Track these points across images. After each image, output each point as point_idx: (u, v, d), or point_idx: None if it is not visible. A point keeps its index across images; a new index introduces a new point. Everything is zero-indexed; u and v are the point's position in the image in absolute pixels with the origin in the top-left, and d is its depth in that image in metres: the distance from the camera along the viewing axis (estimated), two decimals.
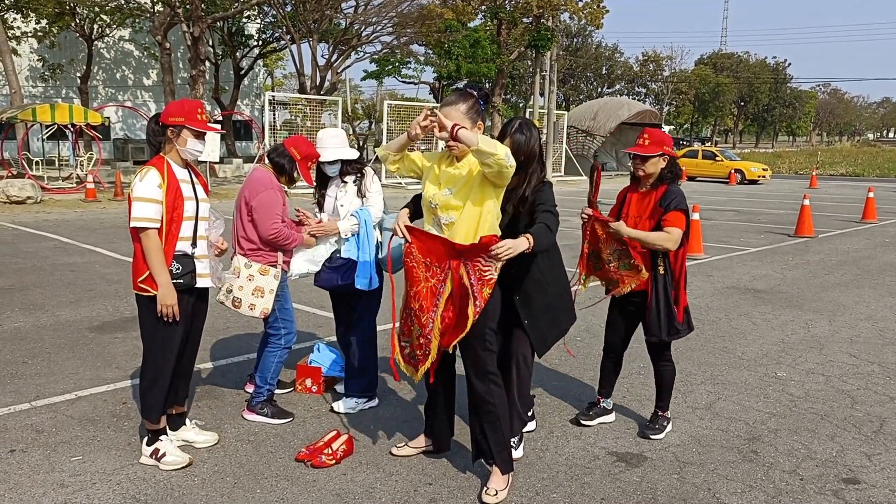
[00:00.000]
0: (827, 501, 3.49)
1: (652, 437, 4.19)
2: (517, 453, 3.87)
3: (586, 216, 4.13)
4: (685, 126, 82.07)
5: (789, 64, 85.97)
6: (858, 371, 5.48)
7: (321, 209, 4.56)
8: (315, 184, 4.62)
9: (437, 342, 3.41)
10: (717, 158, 30.84)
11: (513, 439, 3.84)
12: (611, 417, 4.42)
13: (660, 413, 4.31)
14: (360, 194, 4.43)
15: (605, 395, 4.43)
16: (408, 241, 3.46)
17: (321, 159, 4.39)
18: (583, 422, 4.32)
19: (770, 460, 3.93)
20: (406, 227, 3.47)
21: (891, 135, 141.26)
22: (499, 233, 3.45)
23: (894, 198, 22.40)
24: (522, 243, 3.33)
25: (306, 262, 4.43)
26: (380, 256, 4.42)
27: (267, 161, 4.35)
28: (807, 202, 13.56)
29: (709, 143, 63.05)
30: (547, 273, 3.77)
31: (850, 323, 6.95)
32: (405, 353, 3.59)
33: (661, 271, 4.03)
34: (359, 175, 4.46)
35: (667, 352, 4.21)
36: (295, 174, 4.33)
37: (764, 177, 29.76)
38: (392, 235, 4.16)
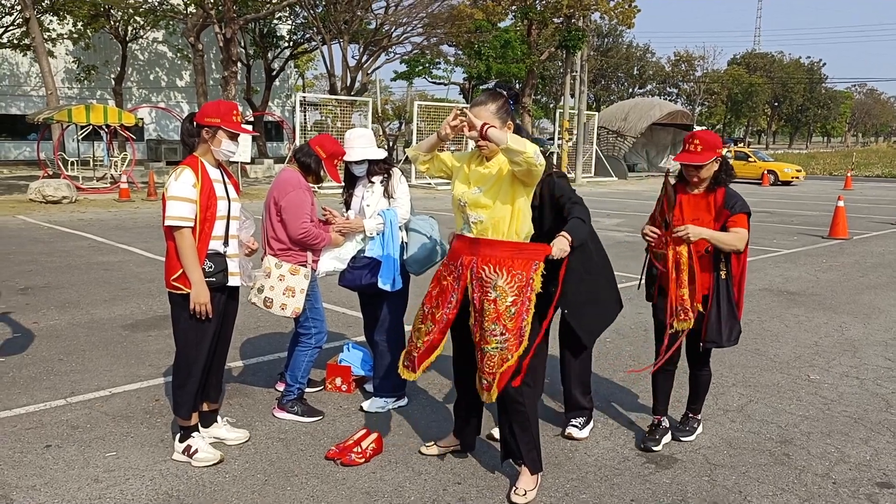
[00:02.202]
0: None
1: (683, 439, 4.14)
2: (583, 433, 4.17)
3: (653, 238, 3.90)
4: (717, 127, 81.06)
5: (824, 64, 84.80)
6: (893, 374, 5.37)
7: (348, 208, 4.59)
8: (343, 183, 4.65)
9: (443, 343, 3.47)
10: (749, 159, 30.45)
11: (579, 419, 4.20)
12: (669, 436, 4.19)
13: (691, 415, 4.25)
14: (387, 195, 4.45)
15: (663, 412, 4.21)
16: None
17: (348, 159, 4.42)
18: (653, 448, 4.04)
19: (802, 463, 3.87)
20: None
21: None
22: (532, 230, 3.48)
23: None
24: (563, 243, 3.42)
25: (333, 259, 4.46)
26: (405, 258, 4.44)
27: (294, 161, 4.40)
28: (841, 203, 13.32)
29: (741, 144, 62.12)
30: (585, 262, 3.86)
31: (885, 326, 6.82)
32: (410, 356, 3.62)
33: (724, 276, 3.89)
34: (386, 175, 4.48)
35: (708, 358, 4.12)
36: (322, 173, 4.37)
37: (798, 178, 29.32)
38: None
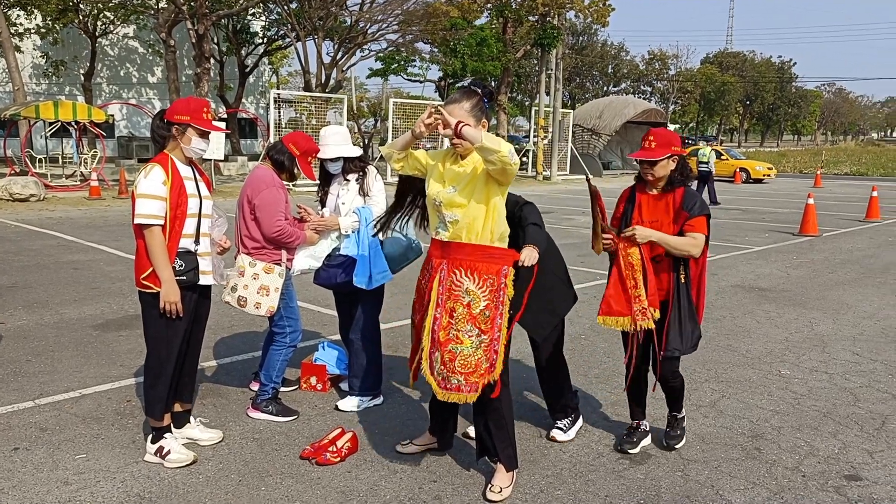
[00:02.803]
0: (829, 498, 3.48)
1: (676, 446, 4.00)
2: (567, 436, 4.14)
3: (610, 243, 3.75)
4: (691, 125, 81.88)
5: (794, 63, 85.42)
6: (861, 369, 5.47)
7: (323, 206, 4.57)
8: (318, 181, 4.62)
9: (427, 342, 3.39)
10: (722, 157, 30.77)
11: (564, 420, 4.18)
12: (649, 440, 4.10)
13: (676, 415, 4.09)
14: (363, 192, 4.43)
15: (640, 416, 4.11)
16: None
17: (323, 156, 4.39)
18: (628, 450, 3.97)
19: (773, 457, 3.93)
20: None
21: (895, 134, 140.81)
22: (507, 236, 3.46)
23: None
24: (532, 252, 3.52)
25: (308, 257, 4.43)
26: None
27: (268, 159, 4.36)
28: (811, 201, 13.53)
29: (714, 142, 62.86)
30: (539, 275, 3.69)
31: (853, 321, 6.93)
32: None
33: (683, 279, 3.74)
34: (361, 173, 4.46)
35: (675, 367, 3.90)
36: (295, 170, 4.34)
37: (769, 176, 29.70)
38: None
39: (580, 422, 4.27)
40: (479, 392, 3.30)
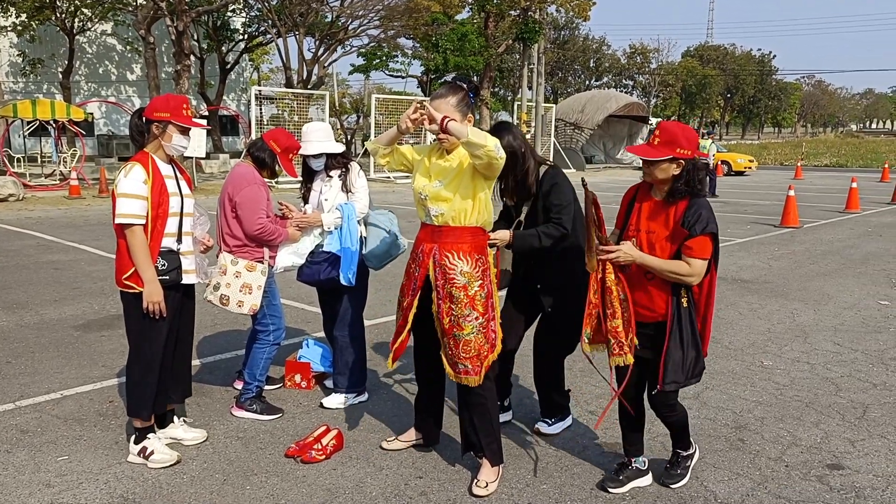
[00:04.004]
0: (812, 487, 3.52)
1: (673, 486, 3.50)
2: (552, 429, 4.12)
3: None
4: (672, 118, 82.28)
5: (774, 56, 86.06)
6: (842, 359, 5.53)
7: (306, 203, 4.54)
8: (301, 178, 4.60)
9: (439, 329, 3.46)
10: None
11: (551, 417, 4.16)
12: (647, 480, 3.54)
13: (681, 452, 3.56)
14: (345, 189, 4.41)
15: (633, 453, 3.57)
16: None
17: (305, 153, 4.37)
18: (610, 489, 3.45)
19: (756, 448, 3.96)
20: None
21: (873, 125, 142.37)
22: (491, 224, 3.54)
23: (877, 188, 22.57)
24: (504, 235, 3.63)
25: (291, 254, 4.41)
26: (364, 252, 4.41)
27: (248, 156, 4.33)
28: (792, 193, 13.64)
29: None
30: (572, 263, 3.74)
31: (833, 312, 7.01)
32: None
33: (685, 303, 3.20)
34: (344, 170, 4.44)
35: (673, 400, 3.36)
36: (276, 168, 4.32)
37: (750, 168, 29.94)
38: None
39: (568, 421, 4.25)
40: (484, 373, 3.40)
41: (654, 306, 3.23)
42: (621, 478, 3.49)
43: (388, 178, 23.63)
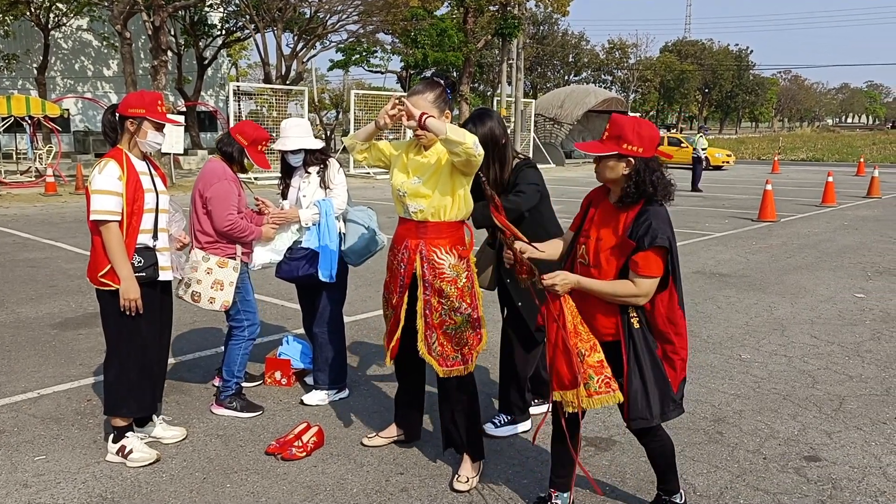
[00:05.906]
0: (789, 479, 3.56)
1: None
2: (498, 431, 4.03)
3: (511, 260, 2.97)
4: (651, 113, 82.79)
5: (751, 51, 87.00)
6: (819, 351, 5.60)
7: (285, 199, 4.52)
8: (280, 174, 4.57)
9: (421, 324, 3.44)
10: (682, 145, 31.16)
11: (502, 417, 4.08)
12: None
13: (664, 497, 3.14)
14: (324, 185, 4.39)
15: (558, 486, 3.13)
16: None
17: (283, 148, 4.34)
18: None
19: (735, 441, 4.00)
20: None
21: (849, 120, 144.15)
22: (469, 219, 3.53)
23: (853, 182, 22.86)
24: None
25: (268, 251, 4.38)
26: (343, 248, 4.40)
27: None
28: (769, 187, 13.77)
29: (674, 130, 63.67)
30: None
31: (810, 305, 7.09)
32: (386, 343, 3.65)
33: (637, 324, 2.77)
34: (322, 166, 4.42)
35: (652, 430, 2.94)
36: (246, 161, 4.28)
37: (728, 162, 30.18)
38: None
39: (520, 428, 4.07)
40: (474, 362, 3.44)
41: (599, 327, 2.82)
42: None
43: (368, 173, 23.57)
